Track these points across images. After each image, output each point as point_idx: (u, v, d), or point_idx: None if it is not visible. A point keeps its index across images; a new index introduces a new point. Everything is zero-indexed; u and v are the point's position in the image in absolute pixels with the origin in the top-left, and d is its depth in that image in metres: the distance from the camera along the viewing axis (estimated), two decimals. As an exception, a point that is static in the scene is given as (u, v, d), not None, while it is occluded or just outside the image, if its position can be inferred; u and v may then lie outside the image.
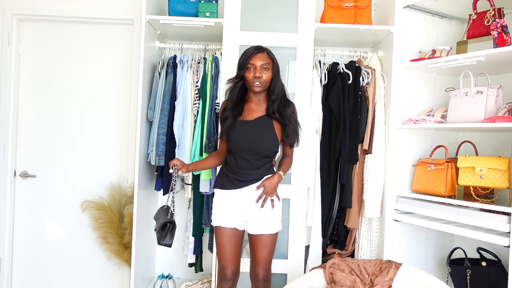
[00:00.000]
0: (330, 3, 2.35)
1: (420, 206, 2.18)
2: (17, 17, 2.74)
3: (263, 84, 1.91)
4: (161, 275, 2.63)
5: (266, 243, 1.96)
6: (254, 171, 1.94)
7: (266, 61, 1.90)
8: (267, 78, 1.90)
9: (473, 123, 1.97)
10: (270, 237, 1.97)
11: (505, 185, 1.90)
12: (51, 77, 2.79)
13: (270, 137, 1.92)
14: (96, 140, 2.81)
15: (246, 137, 1.91)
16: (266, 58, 1.91)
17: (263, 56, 1.90)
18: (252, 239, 1.99)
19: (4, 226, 2.74)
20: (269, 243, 1.97)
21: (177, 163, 1.95)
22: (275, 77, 1.93)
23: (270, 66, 1.91)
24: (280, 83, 1.96)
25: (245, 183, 1.94)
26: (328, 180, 2.41)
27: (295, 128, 1.94)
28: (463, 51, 2.14)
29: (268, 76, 1.91)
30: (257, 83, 1.89)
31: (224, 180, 1.99)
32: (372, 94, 2.38)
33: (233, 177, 1.95)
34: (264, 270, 1.98)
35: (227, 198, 1.97)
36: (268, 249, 1.97)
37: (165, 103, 2.42)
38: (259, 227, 1.95)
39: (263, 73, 1.89)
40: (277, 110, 1.94)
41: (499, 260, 2.14)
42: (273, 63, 1.94)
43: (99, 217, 2.71)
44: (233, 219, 1.96)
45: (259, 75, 1.87)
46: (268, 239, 1.96)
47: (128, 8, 2.71)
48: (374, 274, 1.89)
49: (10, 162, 2.76)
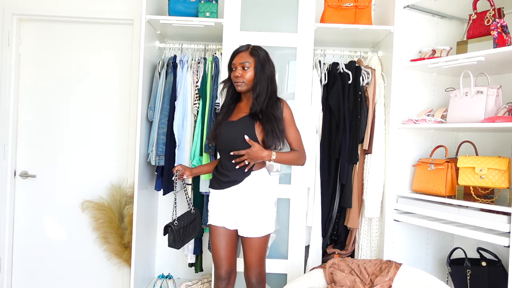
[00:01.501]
0: (330, 3, 2.35)
1: (420, 206, 2.18)
2: (17, 17, 2.74)
3: (245, 83, 1.86)
4: (161, 275, 2.63)
5: (253, 247, 1.88)
6: (232, 172, 1.88)
7: (246, 60, 1.85)
8: (248, 77, 1.85)
9: (473, 123, 1.97)
10: (258, 240, 1.88)
11: (505, 185, 1.90)
12: (51, 77, 2.79)
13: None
14: (96, 140, 2.81)
15: (226, 137, 1.89)
16: (246, 56, 1.86)
17: (243, 54, 1.86)
18: (242, 241, 1.95)
19: (4, 226, 2.74)
20: (257, 246, 1.89)
21: (180, 168, 1.96)
22: (257, 75, 1.85)
23: (250, 65, 1.85)
24: (264, 81, 1.85)
25: (226, 184, 1.91)
26: (328, 180, 2.41)
27: (274, 129, 1.81)
28: (463, 51, 2.14)
29: (249, 74, 1.85)
30: (238, 82, 1.87)
31: (213, 179, 2.01)
32: (372, 94, 2.38)
33: (218, 178, 1.96)
34: (256, 275, 1.92)
35: (216, 197, 1.98)
36: (256, 253, 1.89)
37: (165, 103, 2.42)
38: (247, 229, 1.89)
39: (243, 72, 1.85)
40: (260, 110, 1.85)
41: (499, 260, 2.14)
42: (255, 60, 1.85)
43: (99, 217, 2.71)
44: (222, 218, 1.95)
45: (237, 74, 1.85)
46: (256, 242, 1.88)
47: (128, 8, 2.71)
48: (374, 274, 1.89)
49: (10, 162, 2.76)
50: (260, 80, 1.85)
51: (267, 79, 1.86)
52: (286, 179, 2.30)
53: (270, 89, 1.88)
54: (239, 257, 2.09)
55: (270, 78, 1.88)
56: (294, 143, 1.93)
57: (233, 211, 1.93)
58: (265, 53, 1.90)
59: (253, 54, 1.86)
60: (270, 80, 1.89)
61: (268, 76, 1.87)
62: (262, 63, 1.86)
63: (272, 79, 1.90)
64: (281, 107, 1.88)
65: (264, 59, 1.87)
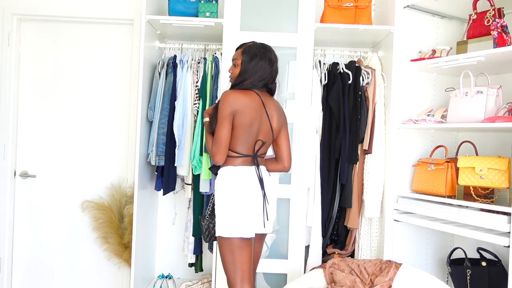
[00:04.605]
0: (330, 3, 2.35)
1: (420, 206, 2.18)
2: (17, 17, 2.74)
3: (233, 79, 1.87)
4: (161, 275, 2.63)
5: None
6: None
7: (236, 57, 1.85)
8: (235, 73, 1.84)
9: (473, 123, 1.97)
10: (218, 240, 1.79)
11: (505, 185, 1.90)
12: (51, 77, 2.79)
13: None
14: (96, 140, 2.81)
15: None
16: (238, 53, 1.86)
17: (237, 51, 1.87)
18: None
19: (4, 226, 2.74)
20: (218, 245, 1.81)
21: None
22: (241, 69, 1.81)
23: (239, 61, 1.83)
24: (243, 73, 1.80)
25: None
26: (328, 180, 2.41)
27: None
28: (463, 51, 2.14)
29: (237, 71, 1.83)
30: (229, 79, 1.90)
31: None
32: (372, 94, 2.38)
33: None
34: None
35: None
36: (220, 254, 1.80)
37: (165, 103, 2.42)
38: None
39: (234, 68, 1.86)
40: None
41: (499, 260, 2.14)
42: (243, 56, 1.81)
43: (99, 217, 2.71)
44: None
45: (229, 70, 1.88)
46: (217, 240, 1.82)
47: (128, 8, 2.71)
48: (374, 274, 1.89)
49: (10, 162, 2.76)
50: (240, 75, 1.81)
51: (247, 73, 1.80)
52: (286, 179, 2.30)
53: (247, 83, 1.80)
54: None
55: (254, 73, 1.80)
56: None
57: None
58: (260, 50, 1.82)
59: (244, 51, 1.83)
60: (253, 75, 1.80)
61: (252, 72, 1.80)
62: (250, 59, 1.80)
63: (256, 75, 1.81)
64: (221, 96, 1.79)
65: (254, 55, 1.80)
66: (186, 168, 2.45)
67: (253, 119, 1.77)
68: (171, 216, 2.81)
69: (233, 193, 1.76)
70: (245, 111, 1.74)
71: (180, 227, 2.80)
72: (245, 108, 1.74)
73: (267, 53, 1.83)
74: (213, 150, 1.76)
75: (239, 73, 1.82)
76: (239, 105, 1.73)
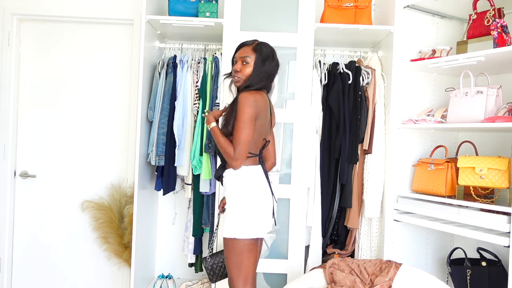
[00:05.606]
0: (330, 3, 2.35)
1: (420, 206, 2.18)
2: (17, 17, 2.74)
3: (242, 79, 1.76)
4: (161, 275, 2.63)
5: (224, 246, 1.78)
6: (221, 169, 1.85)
7: (247, 54, 1.74)
8: (247, 72, 1.74)
9: (473, 123, 1.97)
10: (224, 241, 1.76)
11: (505, 185, 1.90)
12: (51, 77, 2.79)
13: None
14: (96, 140, 2.81)
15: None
16: (248, 51, 1.76)
17: (246, 49, 1.77)
18: None
19: (4, 226, 2.74)
20: (225, 247, 1.77)
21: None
22: (255, 71, 1.74)
23: (251, 60, 1.74)
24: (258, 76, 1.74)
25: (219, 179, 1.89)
26: (328, 180, 2.41)
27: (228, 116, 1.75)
28: (463, 51, 2.14)
29: (248, 70, 1.74)
30: (236, 77, 1.77)
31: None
32: (372, 94, 2.38)
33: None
34: (228, 282, 1.80)
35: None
36: (225, 255, 1.78)
37: (165, 103, 2.42)
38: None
39: (242, 66, 1.75)
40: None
41: (499, 260, 2.14)
42: (256, 57, 1.75)
43: (99, 217, 2.71)
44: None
45: (237, 68, 1.76)
46: (224, 242, 1.77)
47: (128, 8, 2.71)
48: (374, 274, 1.89)
49: (10, 162, 2.76)
50: (256, 76, 1.74)
51: (262, 74, 1.75)
52: (286, 179, 2.30)
53: (261, 84, 1.77)
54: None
55: (267, 75, 1.78)
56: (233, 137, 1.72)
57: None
58: (270, 51, 1.80)
59: (256, 50, 1.76)
60: (267, 77, 1.78)
61: (266, 74, 1.77)
62: (263, 60, 1.75)
63: (269, 77, 1.79)
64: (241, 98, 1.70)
65: (267, 56, 1.77)
66: (186, 168, 2.45)
67: (264, 120, 1.79)
68: (171, 216, 2.81)
69: (251, 192, 1.75)
70: (262, 112, 1.75)
71: (180, 227, 2.80)
72: (262, 109, 1.74)
73: (275, 54, 1.84)
74: (236, 154, 1.67)
75: (253, 74, 1.74)
76: (260, 107, 1.72)
